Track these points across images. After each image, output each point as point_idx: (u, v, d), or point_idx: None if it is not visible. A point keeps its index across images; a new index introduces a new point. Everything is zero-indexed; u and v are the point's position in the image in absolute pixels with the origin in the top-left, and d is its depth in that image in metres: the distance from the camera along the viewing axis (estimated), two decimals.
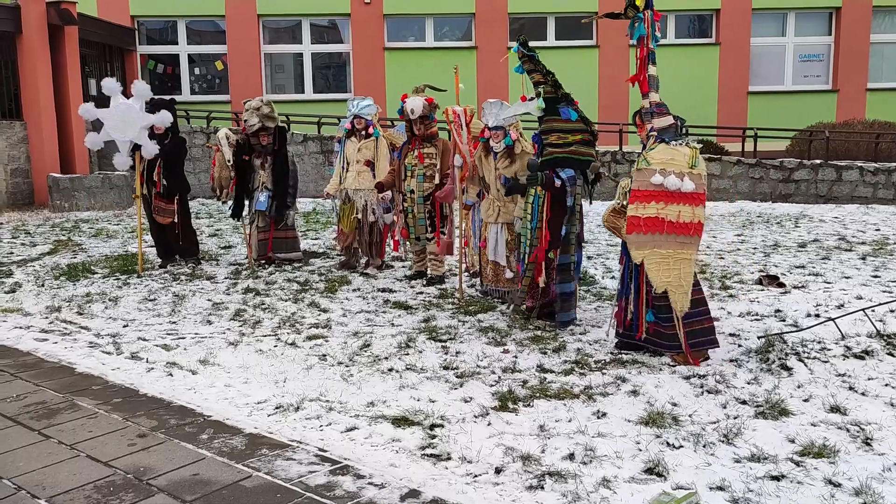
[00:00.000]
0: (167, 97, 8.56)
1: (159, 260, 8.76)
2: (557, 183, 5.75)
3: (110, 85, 8.00)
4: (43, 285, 7.74)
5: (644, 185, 4.93)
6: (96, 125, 8.10)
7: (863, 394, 4.46)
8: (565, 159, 5.81)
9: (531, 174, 5.84)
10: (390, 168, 7.86)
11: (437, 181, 7.49)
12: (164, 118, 8.04)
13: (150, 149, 8.03)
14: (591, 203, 6.87)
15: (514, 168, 6.51)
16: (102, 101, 8.03)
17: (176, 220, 8.52)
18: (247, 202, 8.57)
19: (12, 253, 9.69)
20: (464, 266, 7.24)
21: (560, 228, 5.83)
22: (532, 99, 5.92)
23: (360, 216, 8.14)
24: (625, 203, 4.99)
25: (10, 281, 7.95)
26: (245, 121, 8.25)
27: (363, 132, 8.10)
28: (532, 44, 5.98)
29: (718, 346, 5.18)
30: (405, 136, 7.83)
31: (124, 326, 6.29)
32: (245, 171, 8.42)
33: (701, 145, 5.10)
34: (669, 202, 4.87)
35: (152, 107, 8.07)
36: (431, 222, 7.57)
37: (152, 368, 5.19)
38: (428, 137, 7.53)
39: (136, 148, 8.07)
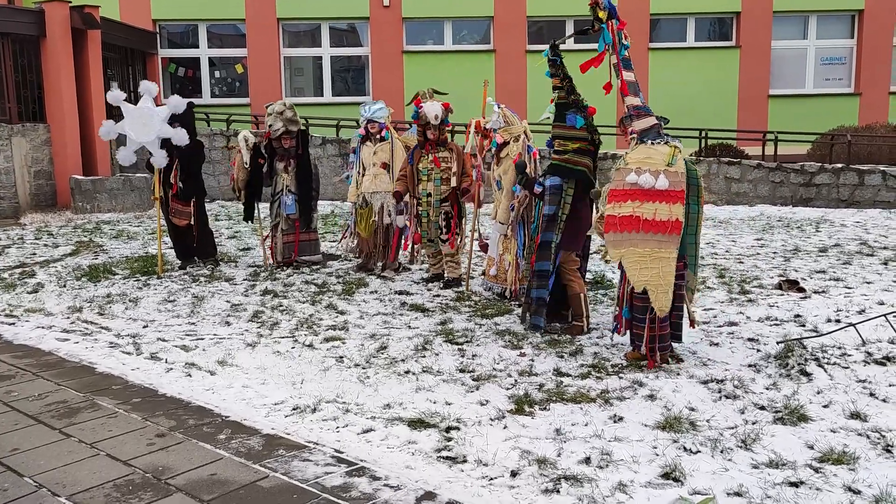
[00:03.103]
0: (186, 100, 8.62)
1: (179, 261, 8.84)
2: (538, 189, 5.89)
3: (148, 87, 8.12)
4: (65, 286, 7.84)
5: (620, 184, 4.96)
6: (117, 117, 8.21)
7: (883, 400, 4.41)
8: (557, 167, 5.85)
9: (518, 176, 6.16)
10: (400, 173, 7.88)
11: (453, 184, 7.53)
12: (179, 137, 8.07)
13: (160, 159, 8.11)
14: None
15: (499, 171, 6.90)
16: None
17: (192, 223, 8.59)
18: (258, 205, 8.67)
19: (35, 254, 9.83)
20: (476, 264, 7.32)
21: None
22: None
23: (376, 219, 8.18)
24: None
25: (33, 281, 8.06)
26: (270, 125, 8.29)
27: (377, 136, 8.16)
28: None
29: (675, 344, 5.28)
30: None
31: (144, 327, 6.36)
32: (256, 175, 8.47)
33: (680, 143, 5.10)
34: (645, 200, 4.87)
35: (174, 118, 8.13)
36: (447, 224, 7.61)
37: (171, 369, 5.24)
38: (442, 142, 7.60)
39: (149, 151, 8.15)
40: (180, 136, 8.09)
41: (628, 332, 5.29)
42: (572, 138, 5.83)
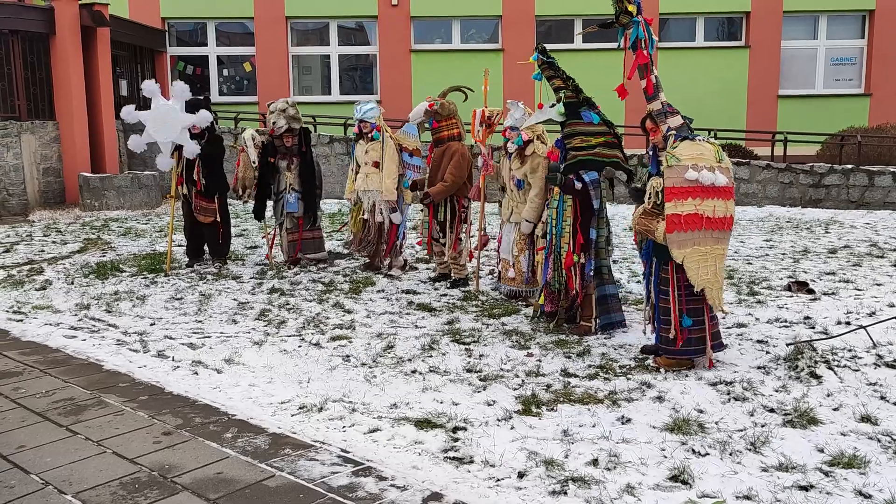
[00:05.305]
0: (201, 96, 8.62)
1: (186, 259, 8.84)
2: (578, 185, 5.74)
3: (150, 87, 8.05)
4: (73, 283, 7.85)
5: (678, 181, 4.82)
6: (138, 127, 8.18)
7: (894, 403, 4.37)
8: (589, 161, 5.80)
9: (550, 174, 5.90)
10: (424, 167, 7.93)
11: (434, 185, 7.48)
12: (203, 117, 8.06)
13: (192, 149, 8.09)
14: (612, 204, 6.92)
15: (524, 169, 6.63)
16: (131, 101, 8.11)
17: (218, 220, 8.59)
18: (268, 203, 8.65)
19: (43, 251, 9.85)
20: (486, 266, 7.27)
21: (588, 231, 5.80)
22: (552, 105, 5.92)
23: (366, 217, 8.20)
24: (658, 202, 4.91)
25: (41, 278, 8.08)
26: (274, 123, 8.29)
27: (369, 135, 8.16)
28: (559, 47, 5.98)
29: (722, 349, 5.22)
30: (413, 136, 7.95)
31: (151, 325, 6.36)
32: (267, 173, 8.46)
33: (719, 142, 5.07)
34: (706, 197, 4.80)
35: (190, 107, 8.14)
36: (447, 224, 7.58)
37: (178, 367, 5.24)
38: (437, 142, 7.54)
39: (177, 148, 8.15)
40: (203, 118, 8.06)
41: (656, 335, 5.24)
42: (594, 133, 5.81)
